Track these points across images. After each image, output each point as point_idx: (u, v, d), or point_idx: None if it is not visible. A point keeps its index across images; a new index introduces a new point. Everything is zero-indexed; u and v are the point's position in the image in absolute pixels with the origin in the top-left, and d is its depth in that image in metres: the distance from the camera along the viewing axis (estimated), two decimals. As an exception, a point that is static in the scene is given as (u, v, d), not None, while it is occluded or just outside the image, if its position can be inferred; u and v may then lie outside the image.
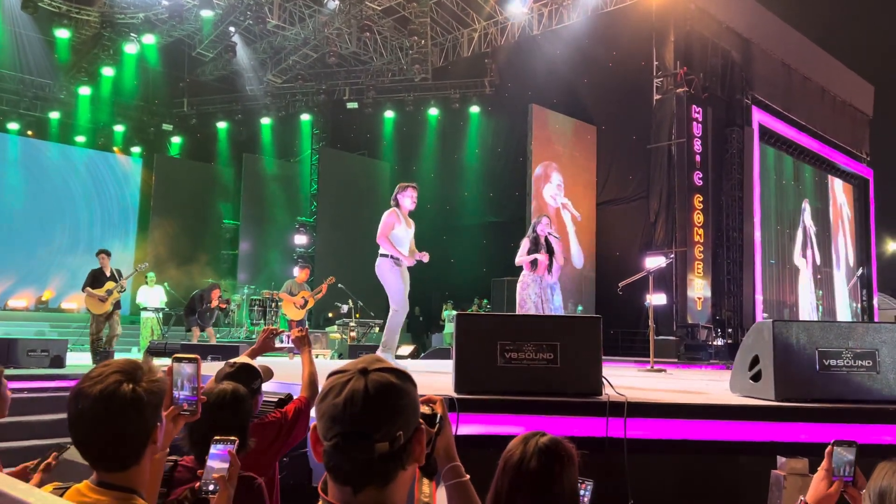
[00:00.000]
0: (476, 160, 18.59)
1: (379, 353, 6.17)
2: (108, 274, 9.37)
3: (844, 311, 19.55)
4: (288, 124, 20.45)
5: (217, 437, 2.03)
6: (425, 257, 6.23)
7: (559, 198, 15.17)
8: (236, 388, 2.47)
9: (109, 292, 9.21)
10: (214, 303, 12.02)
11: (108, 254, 9.67)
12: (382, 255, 6.17)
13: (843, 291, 19.69)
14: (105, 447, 1.47)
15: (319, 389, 1.26)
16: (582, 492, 2.03)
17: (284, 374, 4.47)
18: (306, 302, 10.87)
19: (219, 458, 1.98)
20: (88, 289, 9.21)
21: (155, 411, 1.52)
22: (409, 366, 6.44)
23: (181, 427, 1.93)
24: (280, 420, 2.87)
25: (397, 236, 6.18)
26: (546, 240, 6.97)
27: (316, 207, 19.48)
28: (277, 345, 3.46)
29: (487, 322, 4.04)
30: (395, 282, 6.13)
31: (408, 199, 6.32)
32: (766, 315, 15.72)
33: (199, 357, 1.98)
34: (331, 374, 1.26)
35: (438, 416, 1.59)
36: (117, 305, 9.34)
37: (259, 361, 2.99)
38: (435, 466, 1.61)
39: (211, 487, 1.96)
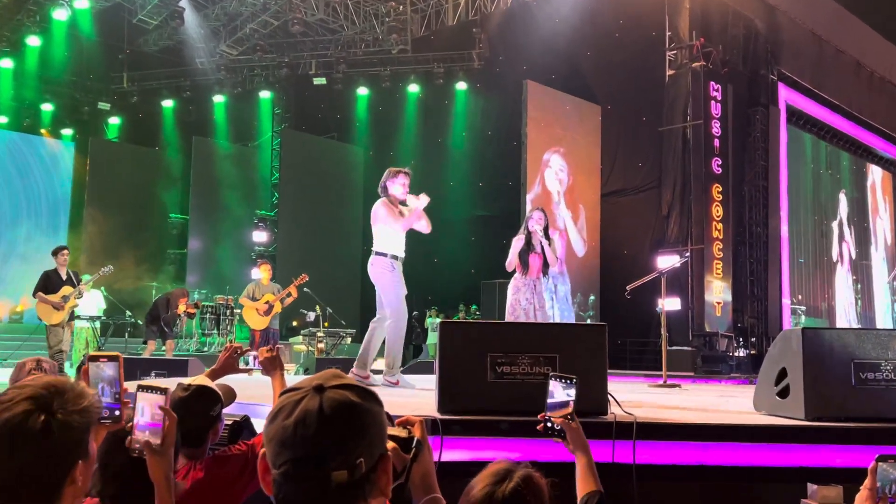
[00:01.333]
0: (463, 144, 18.61)
1: (384, 377, 6.16)
2: (64, 277, 9.16)
3: (884, 315, 19.79)
4: (244, 103, 20.35)
5: (142, 384, 1.94)
6: (424, 200, 6.22)
7: (560, 187, 15.22)
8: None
9: (66, 298, 9.03)
10: (181, 308, 11.88)
11: (68, 252, 9.47)
12: (379, 254, 6.16)
13: (882, 294, 19.93)
14: (9, 487, 1.40)
15: None
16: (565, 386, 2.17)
17: (245, 395, 4.44)
18: (271, 307, 10.65)
19: (148, 428, 1.90)
20: (41, 294, 8.99)
21: (74, 447, 1.45)
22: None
23: (102, 439, 1.90)
24: (246, 454, 2.81)
25: (391, 231, 6.17)
26: (544, 235, 6.98)
27: (277, 199, 19.41)
28: (242, 366, 3.39)
29: (476, 331, 4.04)
30: (392, 285, 6.13)
31: (399, 186, 6.29)
32: (802, 310, 15.88)
33: (119, 354, 1.97)
34: (283, 393, 1.26)
35: (415, 439, 1.58)
36: (72, 315, 9.20)
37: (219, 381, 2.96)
38: (409, 499, 1.60)
39: (137, 447, 1.90)
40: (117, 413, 1.89)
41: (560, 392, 2.25)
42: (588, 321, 15.07)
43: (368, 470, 1.20)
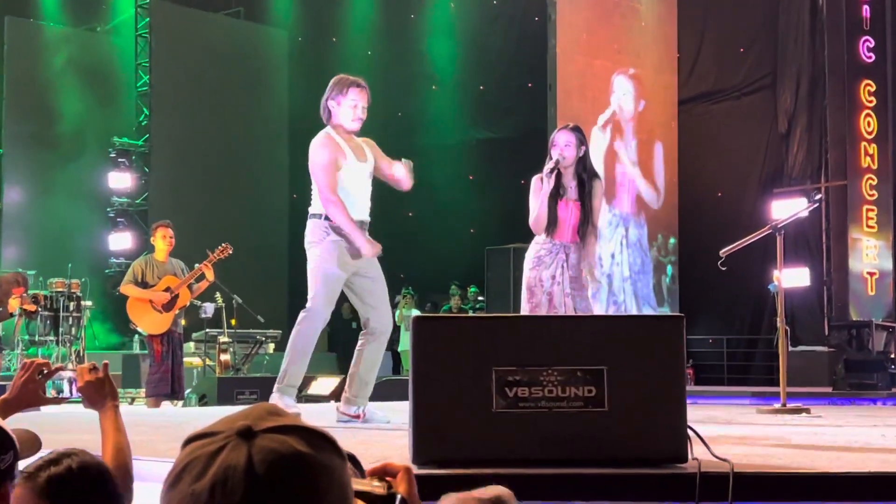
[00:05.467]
0: (451, 25, 18.51)
1: (342, 408, 6.27)
2: None
3: None
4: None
5: None
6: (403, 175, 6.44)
7: (623, 115, 15.28)
8: None
9: None
10: (13, 303, 11.97)
11: None
12: (315, 216, 6.36)
13: None
14: None
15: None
16: None
17: (66, 437, 4.46)
18: (175, 297, 10.62)
19: None
20: None
21: None
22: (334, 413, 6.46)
23: None
24: None
25: (343, 185, 6.28)
26: (579, 169, 6.83)
27: (147, 120, 19.28)
28: (53, 394, 3.44)
29: (474, 330, 4.06)
30: (323, 264, 6.28)
31: (348, 107, 6.33)
32: None
33: None
34: (188, 441, 1.27)
35: (398, 498, 1.62)
36: None
37: (15, 421, 2.98)
38: None
39: None
40: None
41: None
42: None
43: None
